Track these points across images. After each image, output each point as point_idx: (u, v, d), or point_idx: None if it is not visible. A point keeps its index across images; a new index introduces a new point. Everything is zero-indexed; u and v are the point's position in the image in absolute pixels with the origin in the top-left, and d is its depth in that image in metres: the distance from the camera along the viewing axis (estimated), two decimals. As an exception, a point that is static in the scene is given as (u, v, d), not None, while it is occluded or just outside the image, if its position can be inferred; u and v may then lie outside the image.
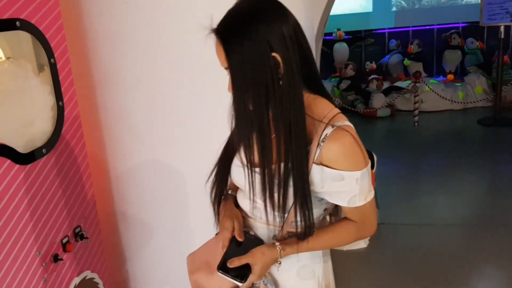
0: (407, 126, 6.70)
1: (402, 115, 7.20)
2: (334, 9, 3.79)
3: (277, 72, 1.15)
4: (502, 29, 6.39)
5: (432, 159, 5.39)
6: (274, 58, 1.14)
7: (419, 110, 6.66)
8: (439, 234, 3.60)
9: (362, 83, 7.51)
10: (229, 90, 1.22)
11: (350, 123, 1.23)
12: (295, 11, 1.23)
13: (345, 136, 1.18)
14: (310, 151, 1.20)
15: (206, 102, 2.21)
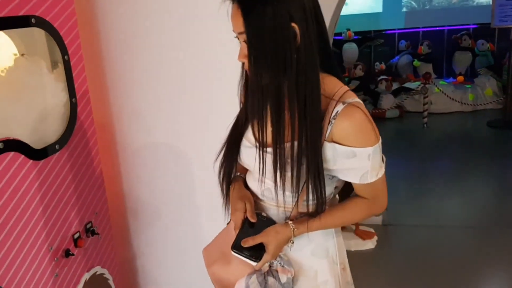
0: (416, 127, 6.67)
1: (411, 117, 7.18)
2: (344, 9, 3.79)
3: (294, 43, 1.15)
4: (514, 31, 6.37)
5: (440, 161, 5.37)
6: (293, 28, 1.14)
7: (428, 112, 6.64)
8: (447, 235, 3.59)
9: (371, 84, 7.49)
10: (239, 58, 1.22)
11: (359, 100, 1.23)
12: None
13: (356, 112, 1.18)
14: (321, 129, 1.21)
15: (219, 101, 2.22)
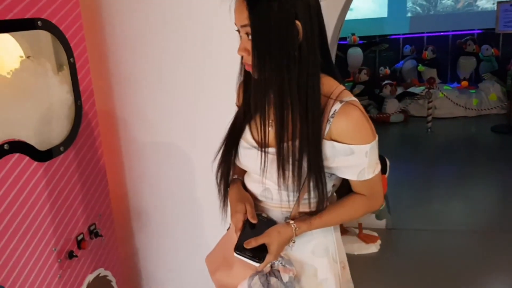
0: (420, 132, 6.67)
1: (415, 121, 7.17)
2: (349, 14, 3.80)
3: (297, 40, 1.17)
4: (518, 36, 6.36)
5: (445, 166, 5.36)
6: (297, 26, 1.16)
7: (433, 117, 6.63)
8: (451, 240, 3.58)
9: (376, 88, 7.49)
10: (239, 52, 1.23)
11: (356, 98, 1.26)
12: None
13: (354, 110, 1.22)
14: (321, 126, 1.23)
15: (224, 102, 2.22)
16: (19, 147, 1.63)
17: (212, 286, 1.53)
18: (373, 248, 3.42)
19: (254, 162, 1.30)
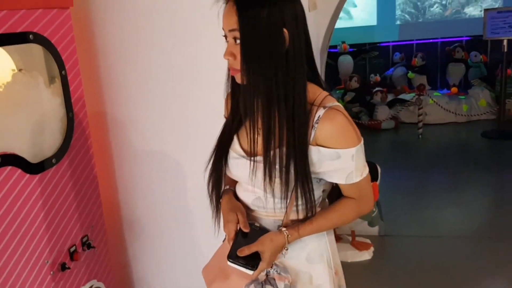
0: (411, 138, 6.70)
1: (406, 128, 7.21)
2: (339, 22, 3.84)
3: (283, 48, 1.20)
4: (505, 43, 6.42)
5: (436, 172, 5.39)
6: (284, 34, 1.19)
7: (423, 123, 6.67)
8: (444, 246, 3.60)
9: (367, 95, 7.53)
10: (225, 56, 1.25)
11: (339, 103, 1.29)
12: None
13: (337, 115, 1.24)
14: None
15: (216, 110, 2.24)
16: (11, 160, 1.64)
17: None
18: (366, 255, 3.43)
19: (244, 171, 1.32)
